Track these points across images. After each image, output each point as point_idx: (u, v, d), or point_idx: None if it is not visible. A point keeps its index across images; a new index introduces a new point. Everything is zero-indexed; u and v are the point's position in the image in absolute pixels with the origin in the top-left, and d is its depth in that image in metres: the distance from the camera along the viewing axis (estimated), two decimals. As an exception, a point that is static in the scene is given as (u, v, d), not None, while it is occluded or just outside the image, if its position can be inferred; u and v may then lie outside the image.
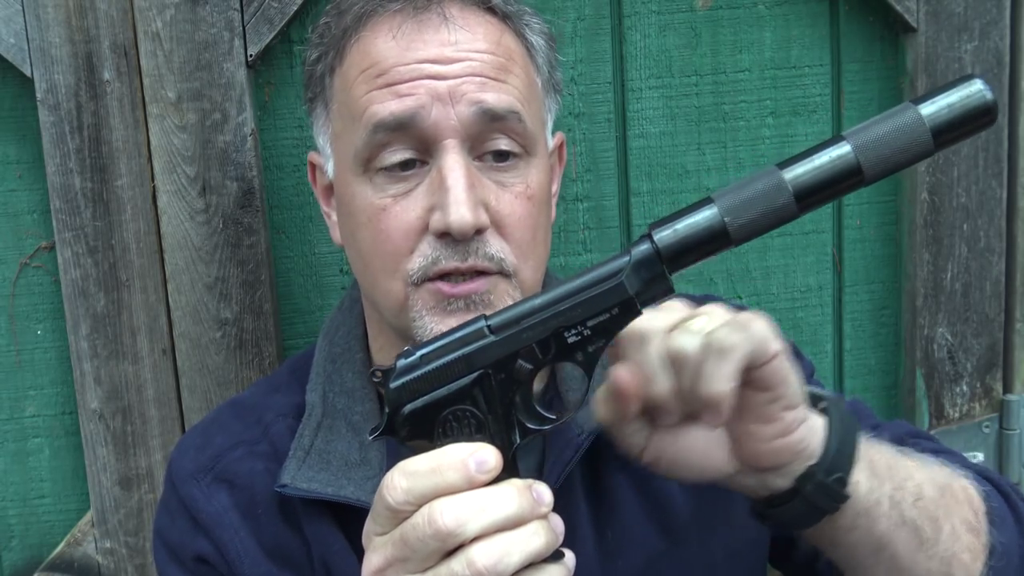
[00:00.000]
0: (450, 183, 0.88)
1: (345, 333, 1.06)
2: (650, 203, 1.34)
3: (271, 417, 1.04)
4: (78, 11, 1.19)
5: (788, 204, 0.71)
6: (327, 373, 1.04)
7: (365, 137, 0.91)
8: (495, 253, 0.91)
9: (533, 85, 0.97)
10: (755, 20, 1.32)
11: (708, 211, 0.72)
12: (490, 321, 0.74)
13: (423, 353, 0.74)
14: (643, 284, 0.73)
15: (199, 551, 0.98)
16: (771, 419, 0.76)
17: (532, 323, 0.73)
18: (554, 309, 0.73)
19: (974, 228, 1.34)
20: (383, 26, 0.92)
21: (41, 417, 1.32)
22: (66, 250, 1.23)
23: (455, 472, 0.70)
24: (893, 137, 0.71)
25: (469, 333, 0.74)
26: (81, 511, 1.32)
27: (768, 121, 1.34)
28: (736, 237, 0.72)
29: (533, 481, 0.73)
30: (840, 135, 0.72)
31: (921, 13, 1.29)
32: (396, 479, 0.70)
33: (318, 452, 0.99)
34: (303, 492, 0.95)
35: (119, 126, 1.22)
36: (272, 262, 1.29)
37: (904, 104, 0.72)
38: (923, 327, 1.36)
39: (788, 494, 0.80)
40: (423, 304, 0.92)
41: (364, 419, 1.00)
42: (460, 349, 0.74)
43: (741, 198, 0.72)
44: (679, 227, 0.72)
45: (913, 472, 0.86)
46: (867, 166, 0.71)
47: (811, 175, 0.71)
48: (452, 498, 0.69)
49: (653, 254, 0.73)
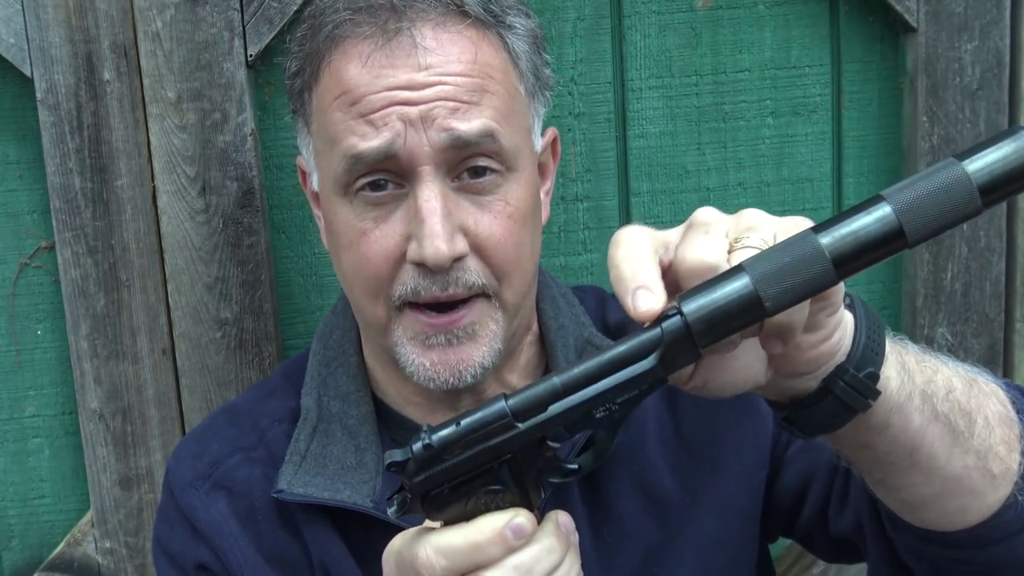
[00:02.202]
0: (424, 214, 0.88)
1: (339, 336, 1.06)
2: (650, 203, 1.34)
3: (267, 422, 1.04)
4: (78, 11, 1.19)
5: (826, 273, 0.67)
6: (322, 377, 1.04)
7: (344, 166, 0.91)
8: (475, 280, 0.90)
9: (515, 96, 0.95)
10: (755, 20, 1.32)
11: (740, 282, 0.67)
12: (511, 404, 0.71)
13: (442, 443, 0.71)
14: (674, 359, 0.70)
15: (200, 559, 0.99)
16: (818, 327, 0.73)
17: (561, 410, 0.71)
18: (584, 395, 0.70)
19: (974, 228, 1.34)
20: (354, 51, 0.90)
21: (41, 417, 1.32)
22: (66, 250, 1.23)
23: (495, 547, 0.71)
24: (938, 197, 0.66)
25: (492, 422, 0.71)
26: (81, 511, 1.32)
27: (768, 121, 1.34)
28: (772, 310, 0.67)
29: (557, 515, 0.74)
30: (879, 195, 0.68)
31: (921, 13, 1.29)
32: (432, 558, 0.71)
33: (314, 457, 0.98)
34: (300, 497, 0.95)
35: (119, 126, 1.22)
36: (272, 262, 1.29)
37: (948, 160, 0.67)
38: (923, 327, 1.36)
39: (818, 394, 0.76)
40: (403, 332, 0.92)
41: (359, 423, 1.00)
42: (485, 442, 0.71)
43: (775, 267, 0.67)
44: (710, 301, 0.68)
45: (940, 367, 0.83)
46: (910, 229, 0.66)
47: (851, 242, 0.67)
48: (500, 568, 0.70)
49: (685, 333, 0.68)
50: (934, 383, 0.80)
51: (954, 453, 0.81)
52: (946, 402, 0.80)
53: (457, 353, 0.91)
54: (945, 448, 0.81)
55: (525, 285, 0.96)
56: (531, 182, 0.96)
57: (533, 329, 1.05)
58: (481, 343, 0.92)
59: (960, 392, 0.82)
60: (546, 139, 1.03)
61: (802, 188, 1.35)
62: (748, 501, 1.02)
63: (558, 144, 1.07)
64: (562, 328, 1.03)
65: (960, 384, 0.83)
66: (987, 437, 0.83)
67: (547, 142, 1.03)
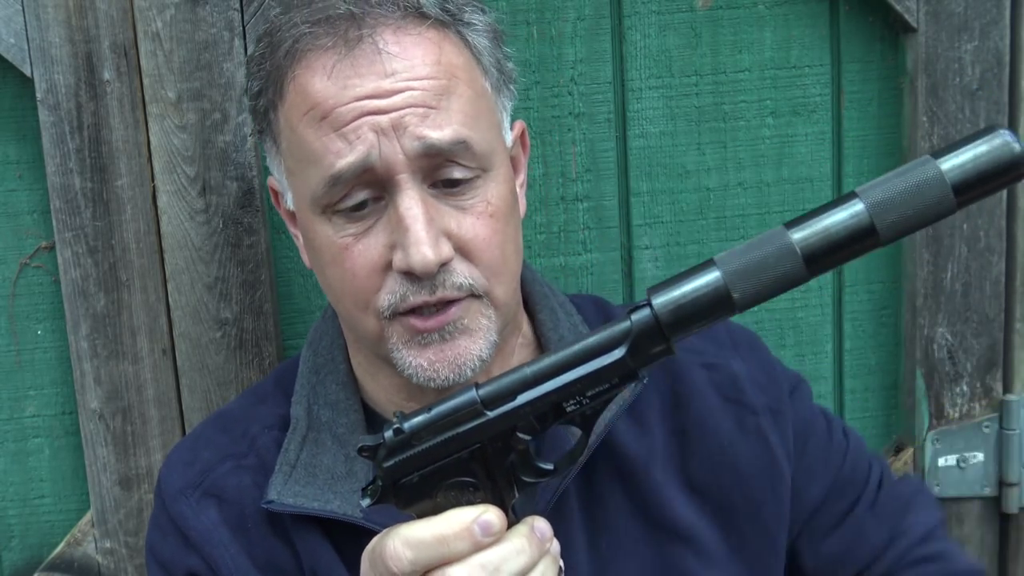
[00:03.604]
0: (408, 222, 0.87)
1: (328, 343, 1.06)
2: (650, 203, 1.34)
3: (257, 429, 1.04)
4: (78, 11, 1.19)
5: (797, 269, 0.67)
6: (311, 385, 1.04)
7: (323, 187, 0.89)
8: (463, 281, 0.90)
9: (482, 94, 0.94)
10: (755, 20, 1.32)
11: (710, 276, 0.68)
12: (482, 392, 0.72)
13: (413, 429, 0.72)
14: (644, 352, 0.70)
15: (191, 567, 0.98)
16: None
17: (529, 399, 0.71)
18: (552, 384, 0.71)
19: (974, 228, 1.34)
20: (317, 63, 0.89)
21: (41, 417, 1.32)
22: (66, 250, 1.23)
23: (462, 541, 0.70)
24: (911, 195, 0.66)
25: (462, 409, 0.72)
26: (81, 511, 1.32)
27: (768, 121, 1.34)
28: (741, 304, 0.68)
29: (533, 520, 0.73)
30: (853, 192, 0.68)
31: (921, 13, 1.29)
32: (399, 549, 0.70)
33: (304, 466, 0.98)
34: (290, 508, 0.95)
35: (119, 126, 1.22)
36: (272, 262, 1.29)
37: (923, 158, 0.67)
38: (923, 327, 1.36)
39: None
40: (398, 338, 0.92)
41: (349, 431, 1.00)
42: (454, 428, 0.72)
43: (746, 262, 0.68)
44: (680, 295, 0.68)
45: None
46: (882, 226, 0.66)
47: (822, 238, 0.67)
48: (466, 565, 0.69)
49: (653, 324, 0.69)
50: None
51: None
52: None
53: (453, 348, 0.91)
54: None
55: (514, 281, 0.96)
56: (507, 178, 0.96)
57: (524, 330, 1.04)
58: (476, 336, 0.91)
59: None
60: (515, 132, 1.02)
61: (802, 188, 1.35)
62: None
63: (526, 136, 1.06)
64: (562, 339, 1.03)
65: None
66: None
67: (516, 135, 1.02)
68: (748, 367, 1.05)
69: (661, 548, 0.99)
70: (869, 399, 1.41)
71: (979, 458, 1.38)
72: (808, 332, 1.39)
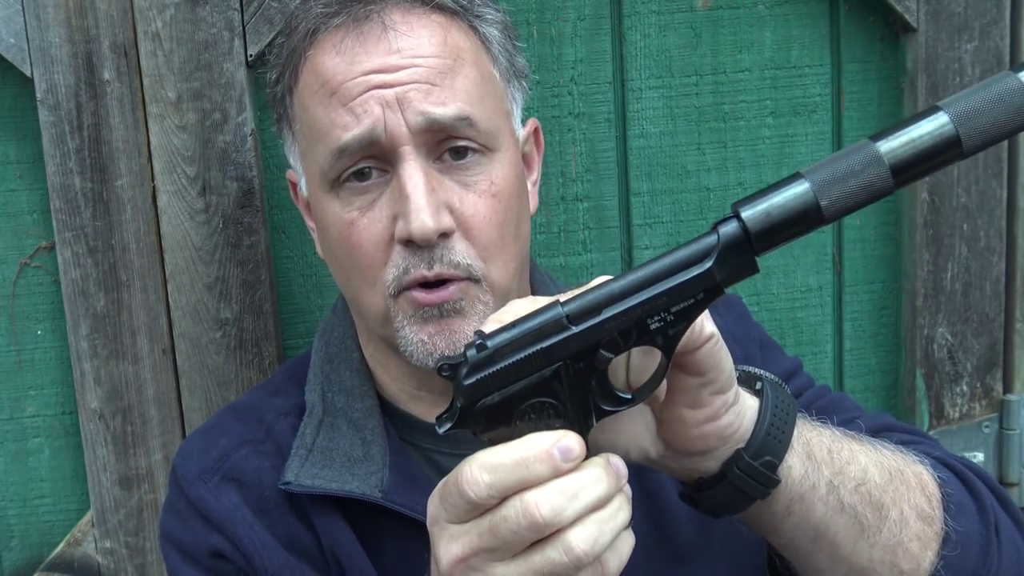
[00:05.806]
0: (409, 190, 0.89)
1: (340, 334, 1.07)
2: (650, 203, 1.34)
3: (272, 417, 1.05)
4: (78, 11, 1.19)
5: (884, 179, 0.68)
6: (325, 373, 1.04)
7: (330, 160, 0.92)
8: (460, 260, 0.91)
9: (489, 78, 0.96)
10: (755, 20, 1.32)
11: (799, 187, 0.69)
12: (567, 308, 0.70)
13: (497, 346, 0.70)
14: (730, 267, 0.69)
15: (214, 546, 0.98)
16: (700, 404, 0.75)
17: (615, 313, 0.69)
18: (639, 298, 0.69)
19: (974, 228, 1.34)
20: (328, 42, 0.93)
21: (41, 417, 1.32)
22: (66, 250, 1.23)
23: (541, 464, 0.68)
24: (994, 104, 0.68)
25: (547, 323, 0.70)
26: (81, 511, 1.32)
27: (768, 121, 1.34)
28: (829, 213, 0.68)
29: (610, 455, 0.71)
30: (936, 105, 0.69)
31: (921, 13, 1.29)
32: (476, 473, 0.68)
33: (320, 449, 0.99)
34: (307, 488, 0.96)
35: (119, 126, 1.22)
36: (272, 262, 1.29)
37: (1004, 72, 0.69)
38: (923, 327, 1.36)
39: (716, 478, 0.78)
40: (403, 315, 0.93)
41: (365, 416, 1.01)
42: (539, 343, 0.70)
43: (833, 172, 0.68)
44: (769, 206, 0.69)
45: (858, 455, 0.84)
46: (967, 137, 0.68)
47: (908, 148, 0.68)
48: (544, 490, 0.67)
49: (742, 236, 0.69)
50: (843, 474, 0.81)
51: (859, 545, 0.83)
52: (855, 494, 0.81)
53: (450, 325, 0.92)
54: (850, 540, 0.82)
55: (513, 266, 0.96)
56: (514, 163, 0.97)
57: None
58: (471, 319, 0.92)
59: (875, 484, 0.83)
60: (527, 129, 1.04)
61: (802, 188, 1.35)
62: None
63: (540, 134, 1.08)
64: None
65: (877, 476, 0.83)
66: (898, 533, 0.84)
67: (529, 132, 1.04)
68: (724, 321, 1.06)
69: (659, 529, 1.00)
70: (869, 399, 1.41)
71: (979, 458, 1.38)
72: (808, 332, 1.39)
